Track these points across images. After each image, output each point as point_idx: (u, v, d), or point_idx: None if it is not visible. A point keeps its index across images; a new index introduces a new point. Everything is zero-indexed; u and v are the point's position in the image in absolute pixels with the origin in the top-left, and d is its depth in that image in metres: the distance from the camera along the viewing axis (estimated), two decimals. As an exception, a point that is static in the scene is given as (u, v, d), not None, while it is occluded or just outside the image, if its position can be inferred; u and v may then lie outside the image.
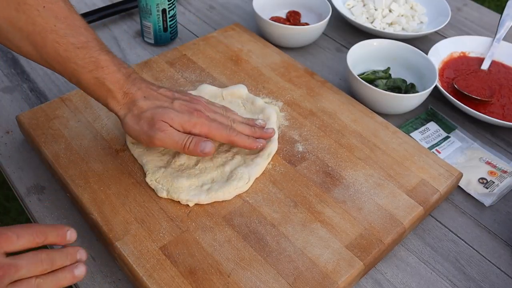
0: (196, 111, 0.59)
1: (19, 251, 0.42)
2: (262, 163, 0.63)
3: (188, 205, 0.59)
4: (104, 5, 0.98)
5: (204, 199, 0.59)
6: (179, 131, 0.57)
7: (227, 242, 0.56)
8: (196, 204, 0.59)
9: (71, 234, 0.45)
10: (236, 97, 0.72)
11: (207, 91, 0.72)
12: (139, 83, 0.59)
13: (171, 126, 0.57)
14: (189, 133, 0.58)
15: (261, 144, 0.63)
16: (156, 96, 0.59)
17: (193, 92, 0.71)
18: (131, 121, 0.57)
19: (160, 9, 0.85)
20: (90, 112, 0.70)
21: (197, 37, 0.94)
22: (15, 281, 0.40)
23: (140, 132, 0.57)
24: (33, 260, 0.41)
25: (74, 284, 0.56)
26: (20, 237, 0.42)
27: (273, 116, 0.69)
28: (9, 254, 0.41)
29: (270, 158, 0.65)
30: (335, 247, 0.56)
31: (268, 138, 0.65)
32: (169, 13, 0.87)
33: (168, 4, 0.85)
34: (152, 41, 0.90)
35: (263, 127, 0.66)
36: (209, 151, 0.58)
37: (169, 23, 0.88)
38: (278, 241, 0.56)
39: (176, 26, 0.91)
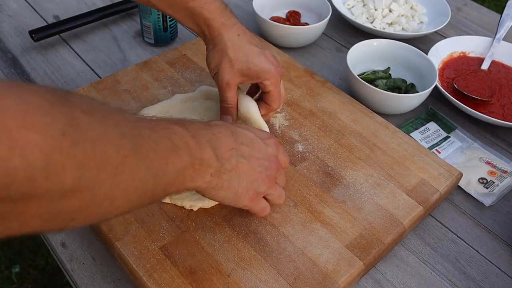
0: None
1: None
2: None
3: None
4: (104, 5, 0.98)
5: (208, 203, 0.59)
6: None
7: (227, 242, 0.56)
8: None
9: None
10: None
11: (205, 92, 0.72)
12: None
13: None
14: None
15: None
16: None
17: (191, 94, 0.71)
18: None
19: (160, 9, 0.85)
20: (90, 112, 0.70)
21: (197, 37, 0.94)
22: None
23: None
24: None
25: (74, 284, 0.56)
26: (282, 177, 0.57)
27: (252, 109, 0.64)
28: None
29: None
30: (335, 247, 0.56)
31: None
32: (169, 13, 0.87)
33: (168, 4, 0.85)
34: (152, 41, 0.90)
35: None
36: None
37: (169, 23, 0.88)
38: (278, 241, 0.56)
39: (176, 26, 0.91)
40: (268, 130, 0.63)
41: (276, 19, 0.95)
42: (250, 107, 0.63)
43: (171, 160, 0.41)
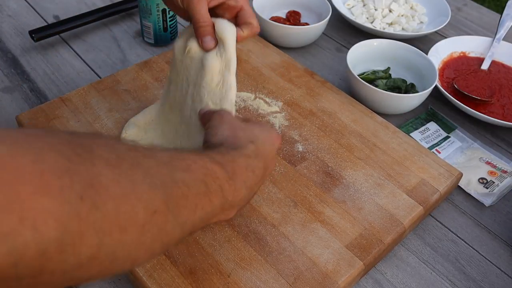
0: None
1: None
2: None
3: None
4: (104, 5, 0.98)
5: None
6: None
7: (227, 242, 0.56)
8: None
9: None
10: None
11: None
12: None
13: None
14: None
15: None
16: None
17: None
18: None
19: (160, 9, 0.85)
20: (90, 112, 0.70)
21: (197, 37, 0.94)
22: None
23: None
24: None
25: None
26: None
27: (228, 31, 0.55)
28: None
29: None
30: (335, 247, 0.56)
31: None
32: (169, 13, 0.87)
33: (168, 4, 0.85)
34: (152, 41, 0.90)
35: None
36: None
37: (169, 23, 0.88)
38: (278, 241, 0.56)
39: (176, 26, 0.91)
40: (235, 65, 0.55)
41: (276, 19, 0.95)
42: (225, 28, 0.55)
43: (201, 205, 0.38)
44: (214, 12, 0.57)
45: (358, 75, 0.81)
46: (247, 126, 0.50)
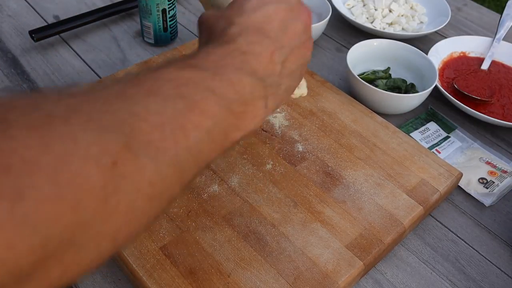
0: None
1: None
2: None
3: (188, 208, 0.59)
4: (104, 5, 0.98)
5: (305, 90, 0.54)
6: None
7: (227, 242, 0.56)
8: (196, 204, 0.59)
9: None
10: None
11: None
12: None
13: None
14: None
15: None
16: None
17: None
18: None
19: (160, 9, 0.85)
20: (90, 112, 0.70)
21: (197, 37, 0.94)
22: None
23: None
24: None
25: (74, 284, 0.56)
26: None
27: None
28: None
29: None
30: (335, 247, 0.56)
31: None
32: (169, 13, 0.87)
33: (168, 4, 0.85)
34: (152, 41, 0.90)
35: None
36: None
37: (169, 23, 0.88)
38: (278, 241, 0.56)
39: (176, 26, 0.91)
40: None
41: (276, 19, 0.95)
42: None
43: (192, 124, 0.29)
44: None
45: (358, 75, 0.81)
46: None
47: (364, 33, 0.96)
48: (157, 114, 0.27)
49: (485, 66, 0.90)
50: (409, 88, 0.82)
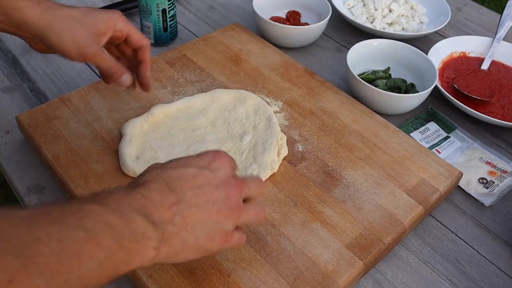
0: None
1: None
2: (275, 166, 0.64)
3: None
4: (104, 5, 0.98)
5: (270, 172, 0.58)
6: None
7: (227, 242, 0.55)
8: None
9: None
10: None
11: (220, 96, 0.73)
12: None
13: None
14: None
15: None
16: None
17: (206, 96, 0.72)
18: None
19: (160, 9, 0.85)
20: (90, 112, 0.70)
21: (197, 37, 0.94)
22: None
23: None
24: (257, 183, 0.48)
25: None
26: (252, 187, 0.47)
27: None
28: None
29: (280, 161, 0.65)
30: (335, 247, 0.56)
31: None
32: (169, 13, 0.87)
33: (168, 4, 0.85)
34: (152, 41, 0.90)
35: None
36: None
37: (169, 23, 0.88)
38: (278, 241, 0.56)
39: (176, 26, 0.91)
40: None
41: (276, 19, 0.95)
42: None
43: (87, 254, 0.33)
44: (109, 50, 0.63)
45: (358, 75, 0.81)
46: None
47: (364, 33, 0.96)
48: (58, 241, 0.31)
49: (485, 66, 0.90)
50: (409, 88, 0.82)
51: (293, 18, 0.97)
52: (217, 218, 0.43)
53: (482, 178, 0.70)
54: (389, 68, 0.85)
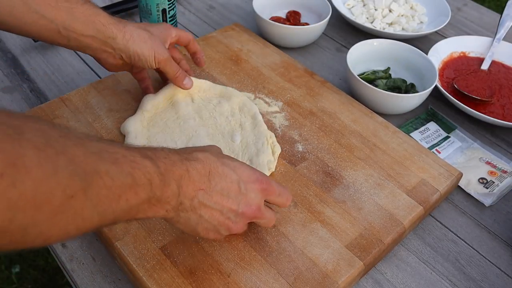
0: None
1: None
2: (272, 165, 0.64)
3: None
4: (104, 5, 0.98)
5: None
6: None
7: (227, 242, 0.56)
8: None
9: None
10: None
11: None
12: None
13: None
14: None
15: None
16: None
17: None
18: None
19: (160, 9, 0.85)
20: (90, 112, 0.70)
21: (197, 37, 0.94)
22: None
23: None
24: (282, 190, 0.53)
25: (74, 284, 0.56)
26: (279, 196, 0.52)
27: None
28: None
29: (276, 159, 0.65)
30: (335, 247, 0.56)
31: None
32: (169, 13, 0.87)
33: (168, 4, 0.85)
34: (152, 41, 0.90)
35: None
36: None
37: (169, 23, 0.88)
38: (278, 241, 0.56)
39: (176, 26, 0.91)
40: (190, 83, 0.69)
41: (276, 19, 0.95)
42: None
43: (125, 197, 0.40)
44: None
45: (358, 75, 0.81)
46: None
47: (364, 33, 0.96)
48: (111, 179, 0.38)
49: (485, 66, 0.90)
50: (409, 88, 0.82)
51: (293, 18, 0.97)
52: (221, 222, 0.49)
53: (482, 178, 0.70)
54: (389, 68, 0.85)
